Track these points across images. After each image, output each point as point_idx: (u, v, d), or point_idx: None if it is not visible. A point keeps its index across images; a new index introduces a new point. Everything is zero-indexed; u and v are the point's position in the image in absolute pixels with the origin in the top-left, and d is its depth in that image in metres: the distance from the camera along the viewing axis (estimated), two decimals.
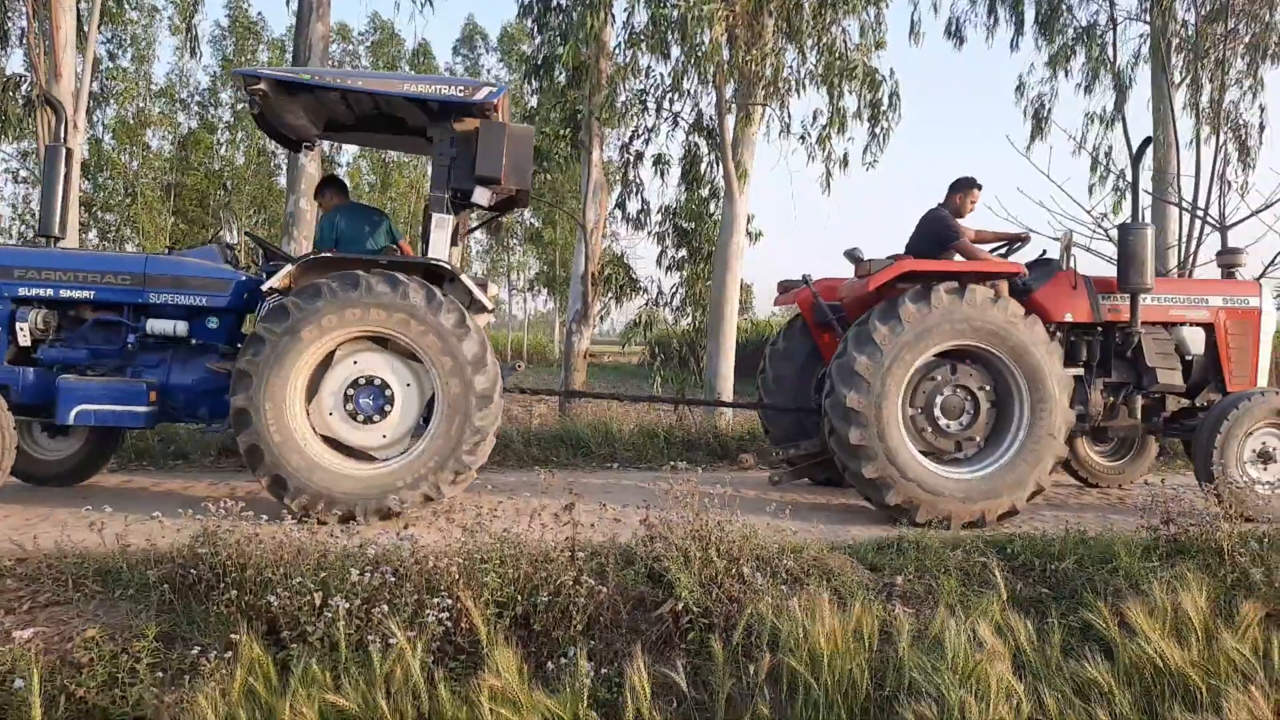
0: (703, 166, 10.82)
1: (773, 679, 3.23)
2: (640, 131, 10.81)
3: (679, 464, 4.61)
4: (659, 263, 11.11)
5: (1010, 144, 13.53)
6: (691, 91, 10.28)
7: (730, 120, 9.86)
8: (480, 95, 5.41)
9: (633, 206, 11.32)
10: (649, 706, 2.72)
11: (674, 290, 11.12)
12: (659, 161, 11.01)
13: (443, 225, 5.56)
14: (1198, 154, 12.86)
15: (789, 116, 10.05)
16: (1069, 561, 4.70)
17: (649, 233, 11.20)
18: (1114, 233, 13.23)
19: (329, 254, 5.68)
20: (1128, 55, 13.98)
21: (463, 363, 5.23)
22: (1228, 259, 7.18)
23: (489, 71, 26.35)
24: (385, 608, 3.45)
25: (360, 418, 5.34)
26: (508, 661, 2.77)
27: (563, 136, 10.59)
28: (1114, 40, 13.87)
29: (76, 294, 5.61)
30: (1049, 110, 14.57)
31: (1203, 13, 12.86)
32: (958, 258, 6.42)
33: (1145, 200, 13.35)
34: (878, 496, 5.76)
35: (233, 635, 3.33)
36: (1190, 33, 13.00)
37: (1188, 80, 13.18)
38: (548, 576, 3.76)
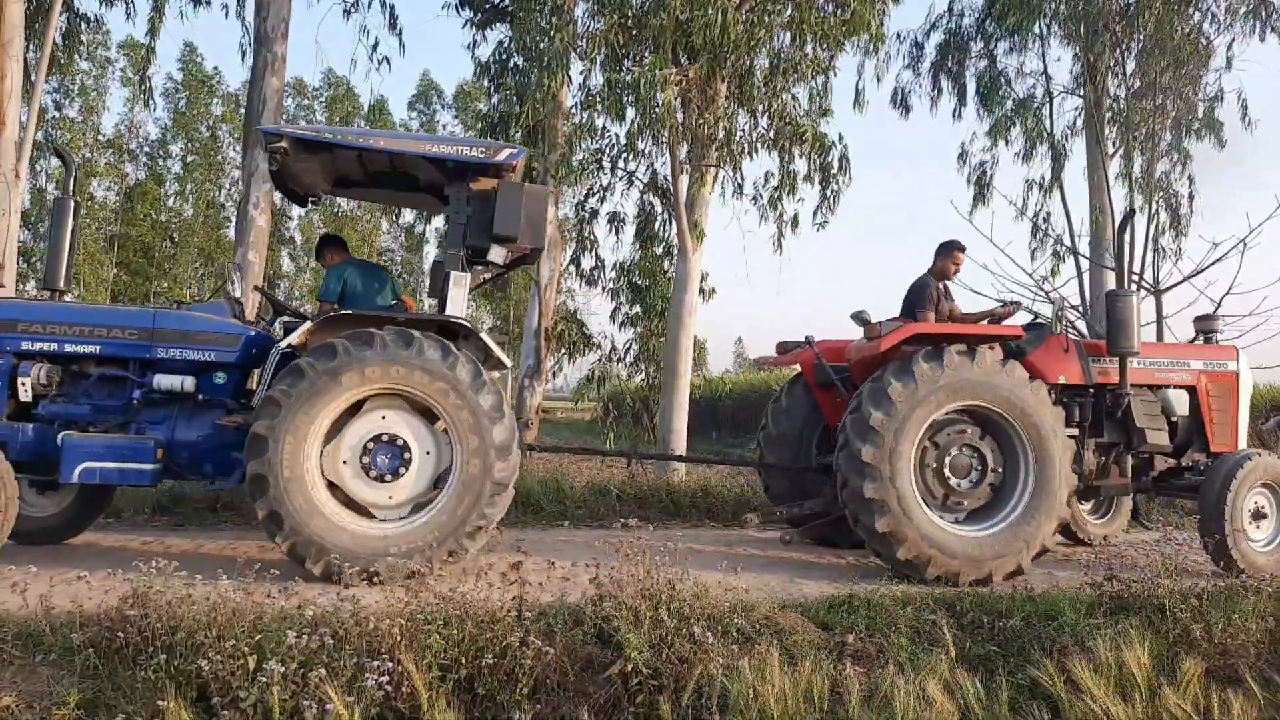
0: (657, 224, 10.98)
1: None
2: (596, 190, 10.95)
3: (629, 521, 4.56)
4: (613, 318, 11.18)
5: (954, 209, 13.87)
6: (646, 152, 10.47)
7: (684, 181, 10.04)
8: (501, 156, 5.50)
9: (587, 263, 11.42)
10: None
11: (627, 346, 11.17)
12: (614, 219, 11.15)
13: (460, 283, 5.58)
14: (1132, 222, 13.42)
15: (742, 178, 10.29)
16: (1016, 619, 4.73)
17: (603, 289, 11.30)
18: (1054, 295, 13.73)
19: (349, 311, 5.63)
20: (1064, 127, 14.63)
21: (483, 424, 5.21)
22: (1205, 325, 7.50)
23: (445, 128, 26.53)
24: (323, 672, 3.33)
25: (373, 474, 5.25)
26: None
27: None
28: (1050, 112, 14.53)
29: (81, 349, 5.50)
30: (990, 177, 15.14)
31: (1132, 88, 13.55)
32: None
33: (1086, 264, 13.90)
34: (888, 551, 5.80)
35: (159, 702, 3.18)
36: (1121, 107, 13.66)
37: (1120, 151, 13.82)
38: (493, 638, 3.67)
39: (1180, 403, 6.98)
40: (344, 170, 6.24)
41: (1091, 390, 6.80)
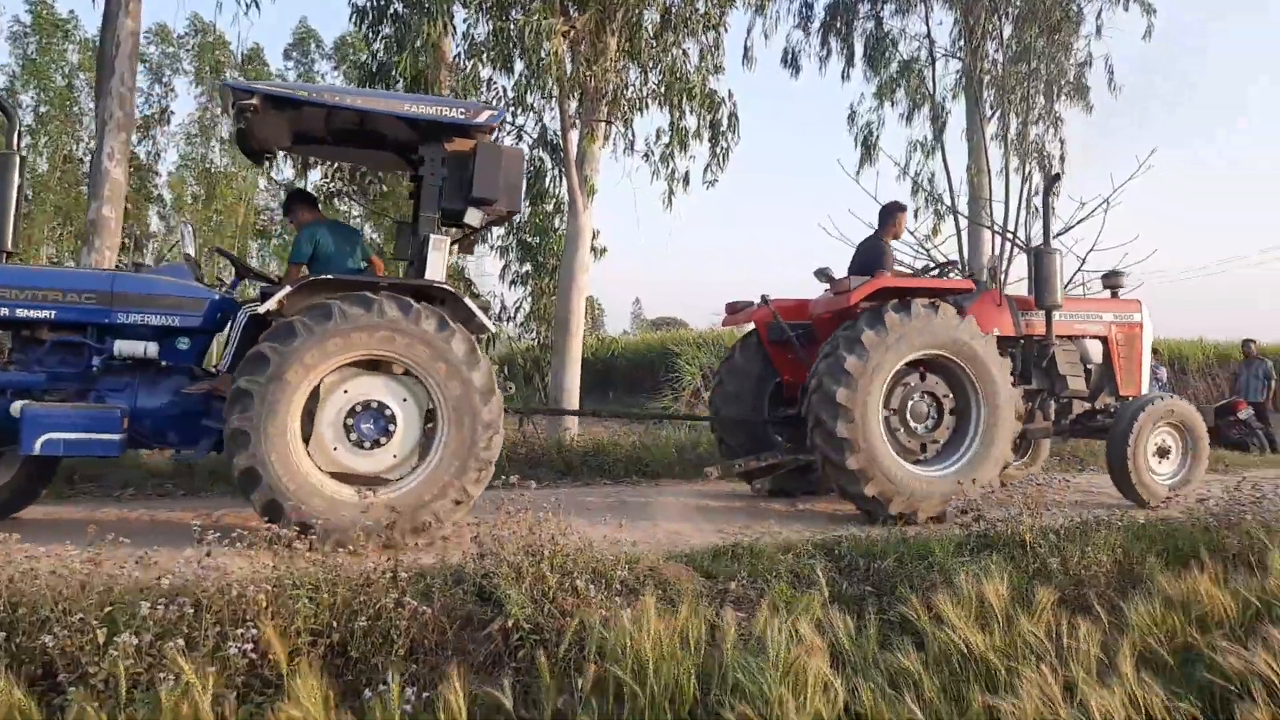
0: (547, 181, 10.76)
1: (601, 690, 3.16)
2: None
3: (513, 479, 4.49)
4: (502, 277, 10.95)
5: (841, 168, 14.14)
6: (535, 106, 10.23)
7: (574, 136, 9.87)
8: (481, 118, 5.40)
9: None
10: None
11: (518, 305, 10.99)
12: None
13: (439, 246, 5.43)
14: (1007, 182, 13.98)
15: (633, 134, 10.19)
16: (890, 560, 4.90)
17: (491, 247, 11.05)
18: (935, 253, 14.23)
19: (329, 277, 5.40)
20: (945, 89, 15.05)
21: (474, 401, 5.16)
22: (1113, 280, 8.09)
23: (323, 78, 25.30)
24: (180, 643, 3.17)
25: (366, 444, 5.14)
26: (310, 690, 2.57)
27: None
28: (933, 75, 14.93)
29: (35, 314, 5.22)
30: (877, 138, 15.47)
31: (1009, 53, 14.03)
32: None
33: (963, 223, 14.43)
34: (856, 488, 6.14)
35: None
36: (999, 71, 14.14)
37: (997, 114, 14.32)
38: (367, 601, 3.56)
39: (1095, 351, 7.67)
40: (308, 128, 5.94)
41: (1021, 341, 7.37)
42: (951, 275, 7.84)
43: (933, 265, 7.70)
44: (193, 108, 33.06)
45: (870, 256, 7.22)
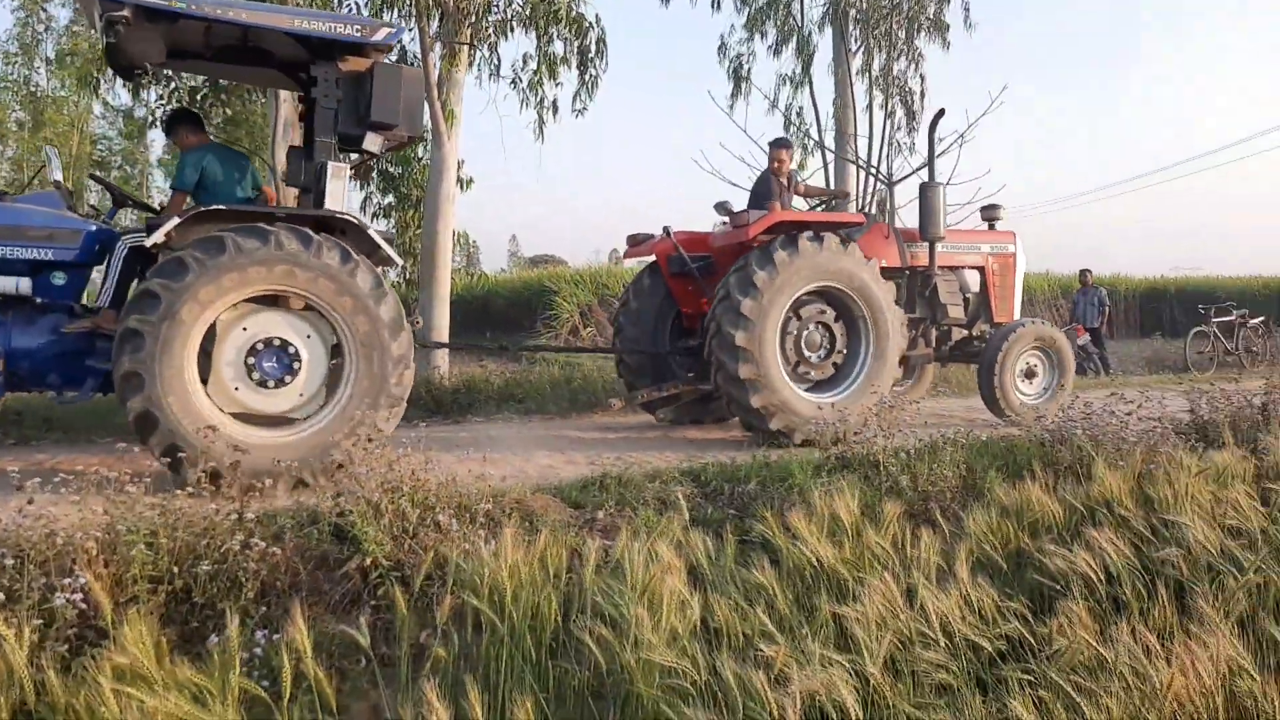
0: None
1: (462, 621, 3.13)
2: None
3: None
4: (363, 209, 10.45)
5: (712, 100, 14.11)
6: (391, 25, 9.66)
7: (435, 59, 9.42)
8: (379, 36, 5.13)
9: None
10: (312, 665, 2.50)
11: None
12: None
13: (339, 174, 5.18)
14: (870, 117, 14.31)
15: (499, 59, 9.80)
16: (753, 483, 5.05)
17: (350, 177, 10.49)
18: (802, 187, 14.48)
19: (222, 207, 5.08)
20: (812, 22, 15.14)
21: (382, 337, 4.99)
22: (990, 213, 8.43)
23: None
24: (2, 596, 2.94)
25: (270, 383, 4.93)
26: (139, 637, 2.42)
27: None
28: (801, 8, 14.98)
29: None
30: (748, 70, 15.47)
31: None
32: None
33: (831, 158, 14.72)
34: (762, 423, 6.44)
35: None
36: (864, 5, 14.33)
37: (862, 48, 14.56)
38: (211, 544, 3.38)
39: (973, 281, 8.04)
40: (187, 42, 5.46)
41: (906, 272, 7.68)
42: (844, 208, 8.12)
43: (834, 195, 8.00)
44: (10, 24, 29.81)
45: (759, 191, 7.48)
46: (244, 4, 5.16)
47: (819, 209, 8.41)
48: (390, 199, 10.43)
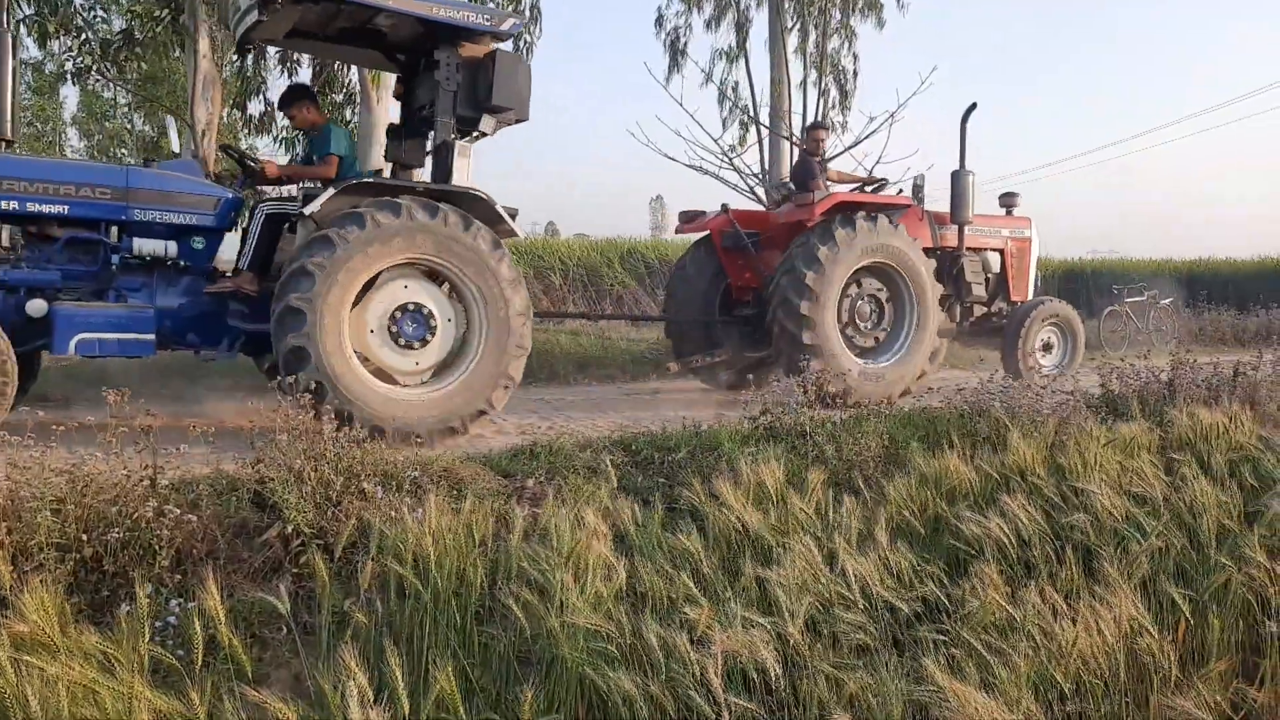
0: (336, 68, 9.95)
1: (386, 588, 3.09)
2: None
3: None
4: None
5: (649, 73, 14.04)
6: None
7: None
8: (506, 25, 5.59)
9: (255, 107, 10.18)
10: (226, 632, 2.44)
11: None
12: (286, 59, 9.93)
13: (465, 153, 5.63)
14: (804, 94, 14.42)
15: None
16: (683, 452, 5.09)
17: (275, 138, 10.18)
18: (738, 162, 14.56)
19: (376, 180, 5.50)
20: None
21: (505, 292, 5.49)
22: (1008, 200, 9.15)
23: None
24: None
25: (401, 342, 5.38)
26: (40, 604, 2.33)
27: (158, 19, 9.09)
28: None
29: (47, 208, 5.03)
30: (685, 44, 15.43)
31: None
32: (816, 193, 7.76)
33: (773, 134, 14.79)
34: (822, 386, 6.62)
35: None
36: None
37: (797, 26, 14.63)
38: (122, 511, 3.26)
39: (994, 262, 8.73)
40: (311, 22, 5.71)
41: (936, 251, 8.21)
42: (884, 191, 8.51)
43: (869, 181, 8.36)
44: None
45: (802, 172, 8.14)
46: None
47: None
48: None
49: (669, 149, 25.24)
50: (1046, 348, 8.51)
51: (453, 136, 5.54)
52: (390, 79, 9.65)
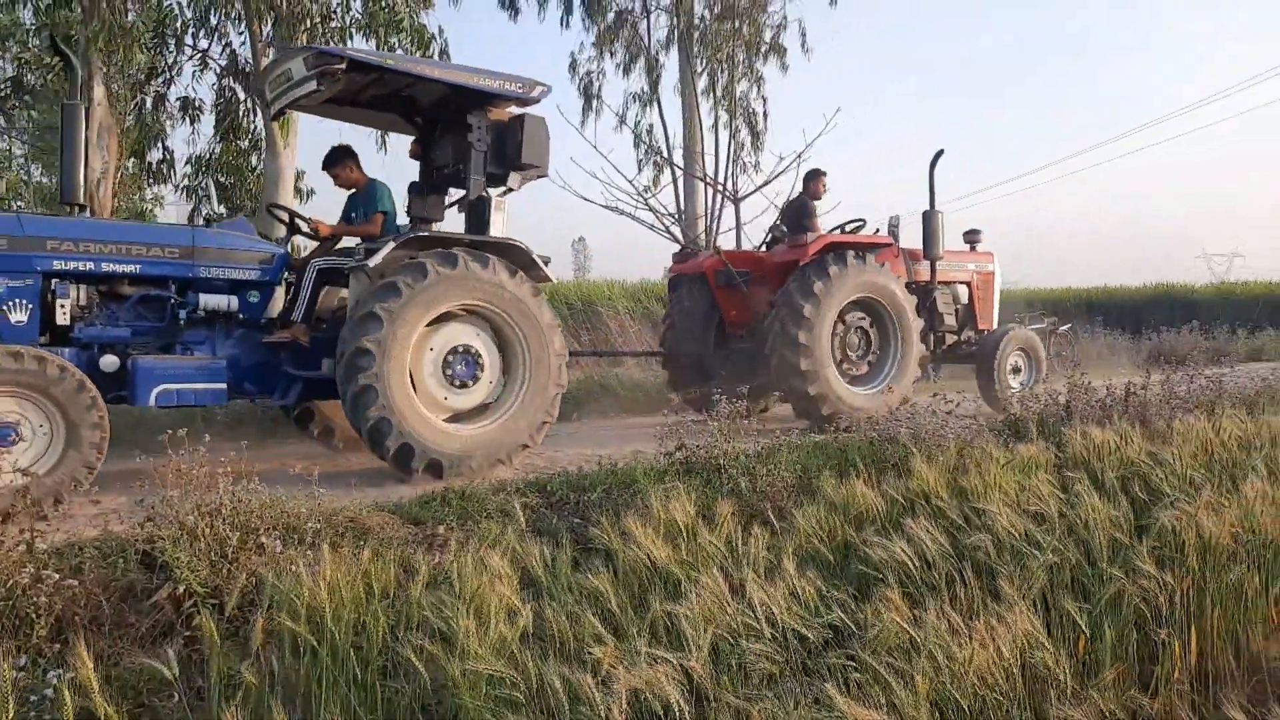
0: (241, 115, 9.77)
1: (281, 643, 2.97)
2: (161, 70, 9.44)
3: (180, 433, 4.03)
4: (191, 220, 9.86)
5: (563, 117, 14.15)
6: (221, 28, 9.20)
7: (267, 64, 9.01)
8: (535, 93, 6.08)
9: (155, 155, 9.89)
10: (101, 702, 2.30)
11: None
12: (188, 106, 9.71)
13: (500, 206, 6.03)
14: (716, 136, 14.75)
15: None
16: (598, 491, 5.06)
17: (176, 187, 9.91)
18: (653, 203, 14.75)
19: (429, 234, 5.84)
20: (659, 42, 15.50)
21: (546, 335, 5.93)
22: (972, 237, 9.88)
23: None
24: None
25: (456, 382, 5.76)
26: None
27: (49, 65, 8.81)
28: (649, 28, 15.32)
29: (120, 268, 5.26)
30: (599, 88, 15.66)
31: (715, 11, 14.70)
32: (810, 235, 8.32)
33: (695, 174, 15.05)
34: (816, 410, 7.46)
35: None
36: (707, 27, 14.79)
37: (706, 70, 15.01)
38: None
39: (963, 295, 9.43)
40: (352, 90, 6.03)
41: (911, 285, 8.72)
42: (861, 230, 8.90)
43: (848, 223, 8.73)
44: None
45: (800, 214, 8.65)
46: (432, 62, 6.17)
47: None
48: (222, 209, 9.88)
49: (585, 191, 25.47)
50: (1015, 370, 9.22)
51: (486, 193, 5.99)
52: (308, 127, 9.58)
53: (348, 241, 6.38)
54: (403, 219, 6.47)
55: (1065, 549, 3.92)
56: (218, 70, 9.59)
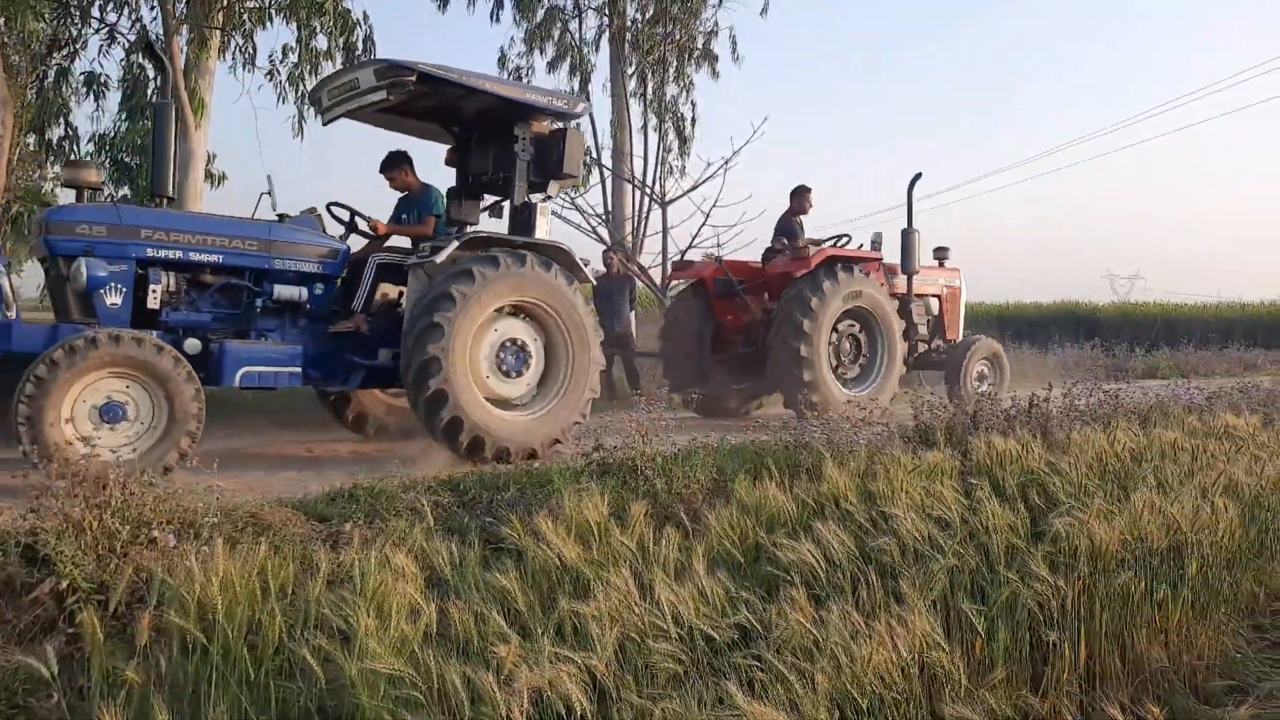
0: (149, 93, 9.37)
1: (170, 641, 2.84)
2: (64, 42, 8.98)
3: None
4: (92, 200, 9.38)
5: None
6: (131, 3, 8.81)
7: (182, 43, 8.68)
8: (579, 109, 6.76)
9: (55, 132, 9.40)
10: None
11: None
12: (93, 82, 9.26)
13: (545, 212, 6.52)
14: (645, 139, 14.80)
15: (254, 48, 9.20)
16: (513, 490, 5.01)
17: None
18: (580, 202, 14.71)
19: (489, 234, 6.27)
20: (590, 42, 15.48)
21: (589, 339, 6.40)
22: (941, 253, 10.65)
23: None
24: None
25: (507, 372, 6.17)
26: None
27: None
28: (580, 27, 15.28)
29: (205, 258, 5.63)
30: (528, 83, 15.49)
31: (646, 16, 14.75)
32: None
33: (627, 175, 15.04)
34: (813, 409, 7.44)
35: None
36: (639, 30, 14.83)
37: (637, 72, 15.05)
38: None
39: (934, 307, 10.19)
40: (410, 101, 6.25)
41: (891, 297, 9.35)
42: (847, 245, 9.52)
43: (834, 236, 9.36)
44: None
45: (787, 231, 9.28)
46: (491, 77, 6.45)
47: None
48: (125, 191, 9.45)
49: None
50: (980, 377, 9.96)
51: (528, 199, 6.40)
52: (221, 108, 9.25)
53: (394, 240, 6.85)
54: None
55: (965, 553, 4.03)
56: (126, 46, 9.18)
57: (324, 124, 6.73)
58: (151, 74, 9.42)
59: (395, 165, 6.91)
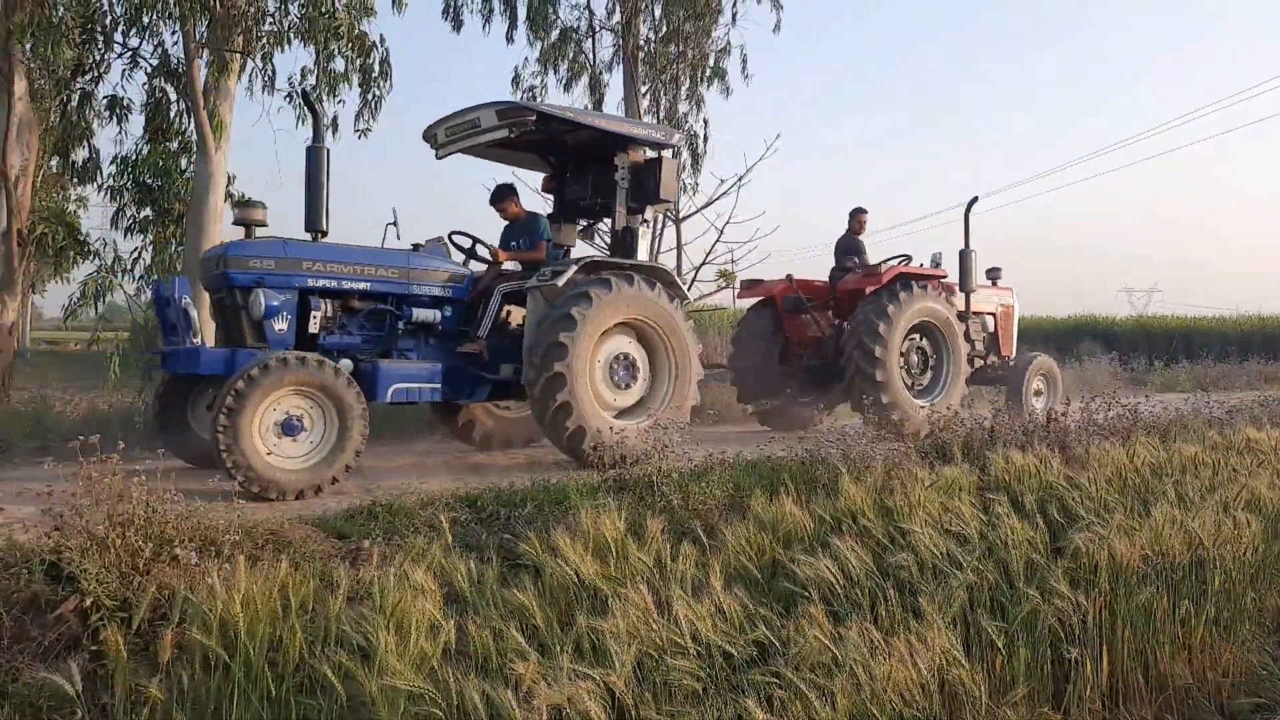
0: (172, 115, 9.51)
1: (192, 658, 2.86)
2: (88, 67, 9.14)
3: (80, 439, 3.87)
4: (114, 224, 9.53)
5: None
6: (153, 27, 8.96)
7: (201, 66, 8.81)
8: (675, 139, 7.21)
9: (80, 154, 9.55)
10: None
11: (135, 255, 9.57)
12: (115, 105, 9.41)
13: (644, 235, 6.94)
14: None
15: (273, 70, 9.32)
16: (530, 507, 5.01)
17: (100, 187, 9.57)
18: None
19: (600, 259, 6.74)
20: (603, 62, 15.58)
21: (691, 354, 6.82)
22: (994, 273, 10.97)
23: None
24: None
25: (619, 384, 6.65)
26: None
27: None
28: (594, 46, 15.38)
29: (356, 285, 6.11)
30: (542, 102, 15.63)
31: (659, 34, 14.85)
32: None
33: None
34: (887, 415, 7.98)
35: None
36: (651, 49, 14.92)
37: (650, 91, 15.13)
38: None
39: (990, 324, 10.59)
40: (519, 136, 6.59)
41: None
42: (909, 264, 9.76)
43: (895, 257, 9.64)
44: None
45: (853, 250, 9.82)
46: (600, 114, 7.17)
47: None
48: (147, 212, 9.57)
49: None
50: (1038, 394, 10.41)
51: (629, 224, 6.76)
52: (241, 130, 9.37)
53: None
54: None
55: (984, 569, 4.02)
56: (148, 69, 9.33)
57: (438, 158, 7.12)
58: (173, 97, 9.58)
59: (504, 197, 7.36)
